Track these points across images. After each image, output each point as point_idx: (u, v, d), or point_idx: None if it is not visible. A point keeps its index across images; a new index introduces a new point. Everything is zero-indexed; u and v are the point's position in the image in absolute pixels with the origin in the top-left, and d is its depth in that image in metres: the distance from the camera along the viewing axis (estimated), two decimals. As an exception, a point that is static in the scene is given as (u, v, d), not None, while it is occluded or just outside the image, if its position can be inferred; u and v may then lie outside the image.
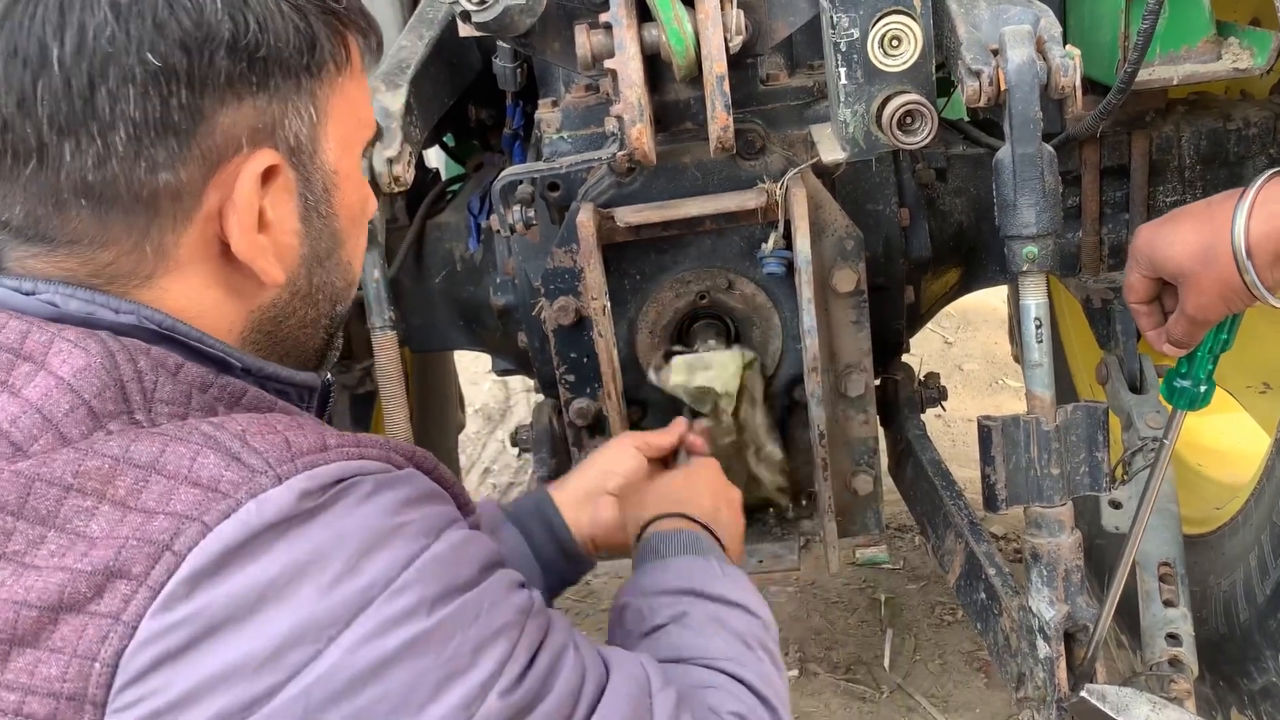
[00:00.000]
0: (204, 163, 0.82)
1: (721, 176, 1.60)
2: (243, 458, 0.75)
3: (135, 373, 0.79)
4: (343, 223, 0.94)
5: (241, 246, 0.85)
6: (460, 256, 1.99)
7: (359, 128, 0.95)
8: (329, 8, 0.88)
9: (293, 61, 0.85)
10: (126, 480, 0.74)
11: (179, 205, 0.83)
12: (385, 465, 0.83)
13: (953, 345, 4.88)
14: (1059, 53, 1.33)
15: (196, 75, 0.80)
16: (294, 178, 0.88)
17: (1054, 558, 1.43)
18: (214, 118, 0.82)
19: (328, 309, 0.97)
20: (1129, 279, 1.23)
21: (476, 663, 0.77)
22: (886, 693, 2.56)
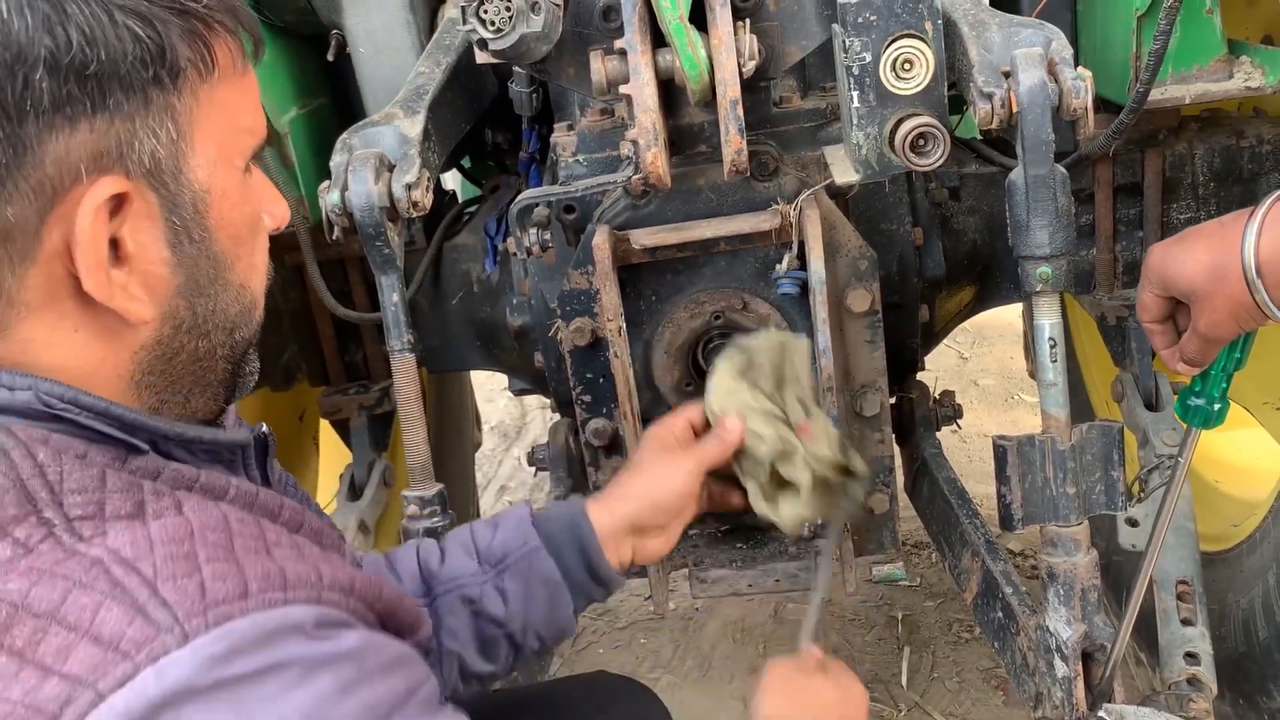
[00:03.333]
0: (36, 197, 0.74)
1: (736, 198, 1.61)
2: (148, 611, 0.68)
3: (36, 468, 0.73)
4: (224, 243, 0.85)
5: (93, 285, 0.77)
6: (477, 278, 2.01)
7: (238, 135, 0.86)
8: (183, 8, 0.79)
9: (135, 75, 0.76)
10: (25, 630, 0.68)
11: (12, 245, 0.75)
12: (315, 614, 0.73)
13: (968, 360, 4.87)
14: (1070, 74, 1.33)
15: (12, 103, 0.72)
16: (155, 201, 0.80)
17: (1071, 577, 1.43)
18: (41, 147, 0.74)
19: (223, 338, 0.88)
20: (1141, 298, 1.23)
21: None
22: (904, 710, 2.56)
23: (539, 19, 1.35)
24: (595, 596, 1.29)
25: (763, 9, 1.53)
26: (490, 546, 1.24)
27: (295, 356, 2.25)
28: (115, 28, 0.75)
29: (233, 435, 0.89)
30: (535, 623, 1.22)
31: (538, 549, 1.23)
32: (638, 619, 3.03)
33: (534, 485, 3.59)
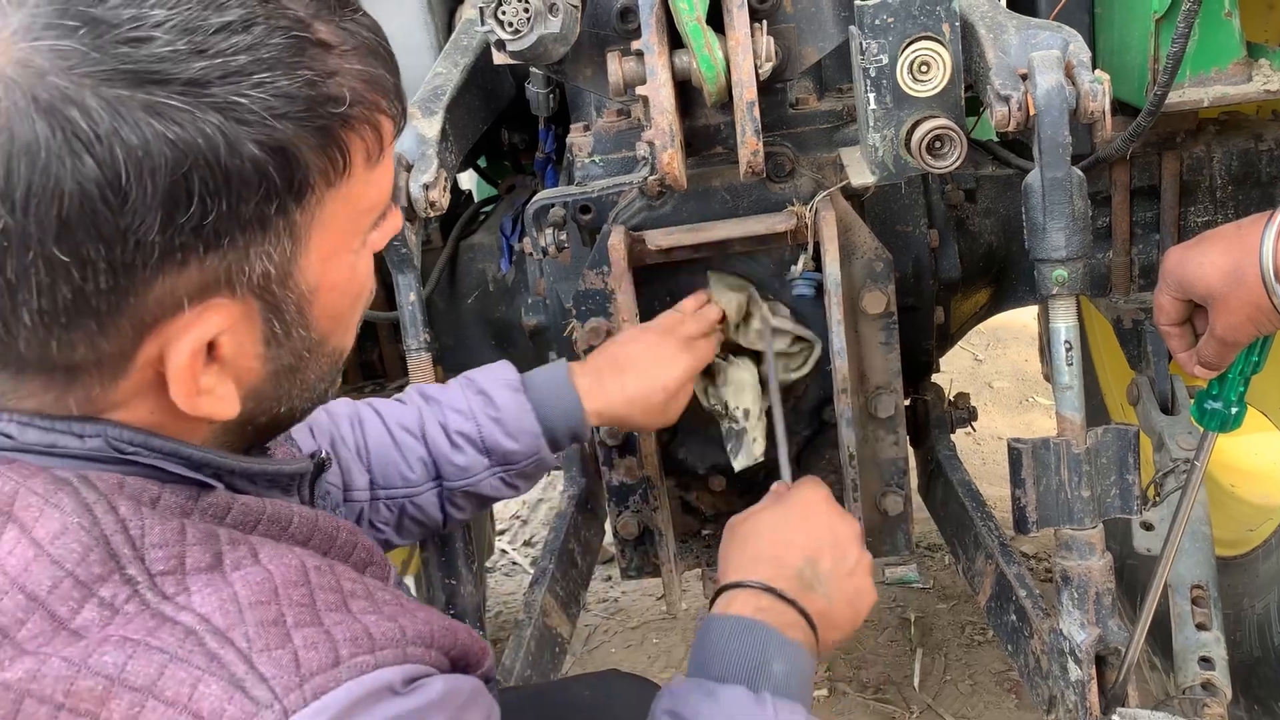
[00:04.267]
0: (134, 330, 0.73)
1: (752, 199, 1.61)
2: (246, 687, 0.68)
3: (118, 524, 0.72)
4: (324, 327, 0.83)
5: (181, 401, 0.76)
6: (492, 277, 2.02)
7: (360, 217, 0.82)
8: (323, 118, 0.73)
9: (257, 209, 0.72)
10: (121, 704, 0.67)
11: (103, 369, 0.74)
12: (404, 672, 0.74)
13: (983, 363, 4.85)
14: (1088, 77, 1.33)
15: (120, 261, 0.69)
16: (258, 308, 0.77)
17: (1085, 580, 1.42)
18: (145, 291, 0.71)
19: (304, 401, 0.87)
20: (1159, 301, 1.23)
21: None
22: (916, 713, 2.55)
23: (556, 20, 1.36)
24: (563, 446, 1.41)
25: (780, 11, 1.54)
26: (498, 443, 1.33)
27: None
28: (242, 172, 0.70)
29: (295, 466, 0.89)
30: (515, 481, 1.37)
31: (545, 458, 1.36)
32: (650, 618, 3.03)
33: (547, 484, 3.60)
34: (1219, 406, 1.24)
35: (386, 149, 0.81)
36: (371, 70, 0.77)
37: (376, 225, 0.86)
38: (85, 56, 0.66)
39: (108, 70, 0.66)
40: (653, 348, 1.43)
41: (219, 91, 0.68)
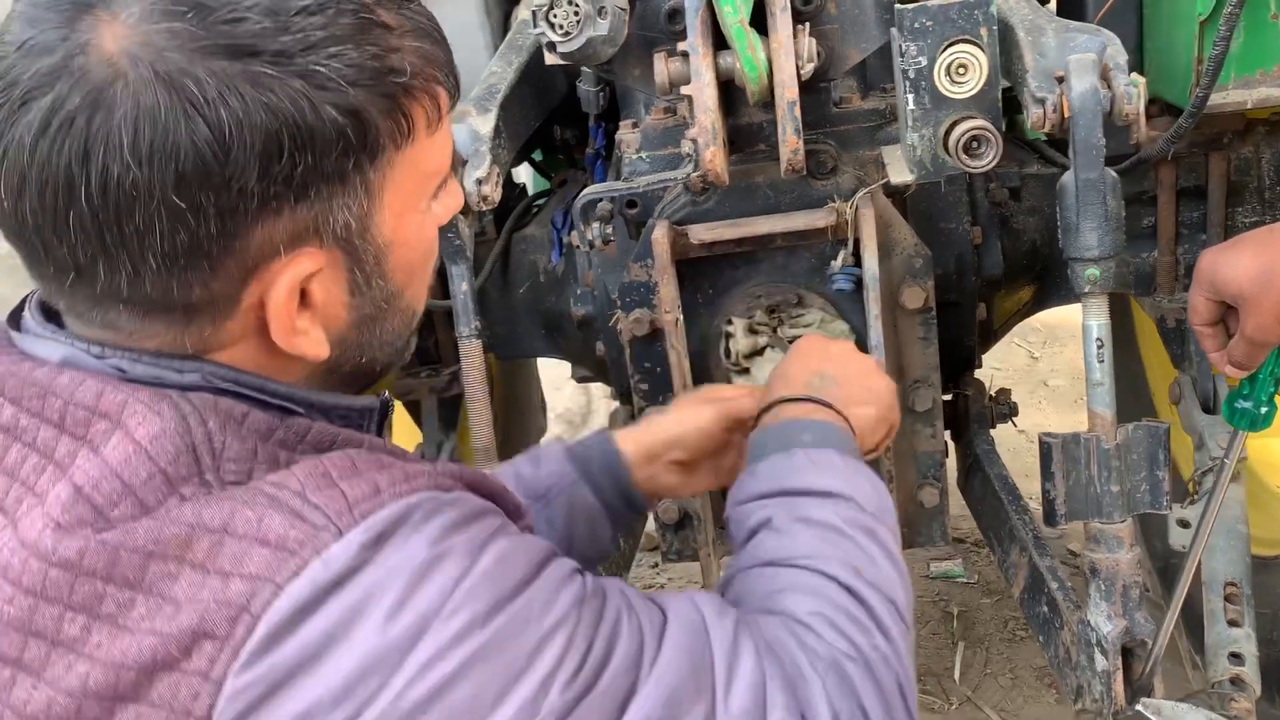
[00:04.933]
0: (240, 273, 0.84)
1: (794, 195, 1.66)
2: (304, 515, 0.79)
3: (205, 435, 0.82)
4: (399, 280, 0.93)
5: (280, 339, 0.87)
6: (543, 268, 2.09)
7: (425, 181, 0.92)
8: (388, 87, 0.83)
9: (339, 166, 0.83)
10: (203, 545, 0.78)
11: (215, 308, 0.85)
12: (433, 494, 0.85)
13: (1039, 360, 4.83)
14: (1123, 80, 1.36)
15: (225, 207, 0.80)
16: (341, 258, 0.88)
17: (1113, 573, 1.45)
18: (248, 236, 0.82)
19: (385, 354, 0.98)
20: (1192, 301, 1.26)
21: (534, 663, 0.82)
22: (955, 704, 2.58)
23: (605, 23, 1.42)
24: (630, 521, 1.40)
25: (824, 12, 1.58)
26: (534, 482, 1.34)
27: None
28: (324, 126, 0.80)
29: (365, 401, 0.99)
30: (579, 548, 1.32)
31: (577, 481, 1.32)
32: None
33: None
34: (1249, 406, 1.26)
35: (444, 118, 0.92)
36: (427, 48, 0.88)
37: (438, 195, 0.96)
38: (194, 35, 0.78)
39: (212, 46, 0.78)
40: (683, 404, 1.44)
41: (301, 61, 0.80)
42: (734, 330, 1.67)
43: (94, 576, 0.78)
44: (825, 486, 1.08)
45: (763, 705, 0.90)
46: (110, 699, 0.77)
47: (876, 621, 1.00)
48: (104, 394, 0.83)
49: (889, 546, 1.06)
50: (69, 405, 0.83)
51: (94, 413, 0.82)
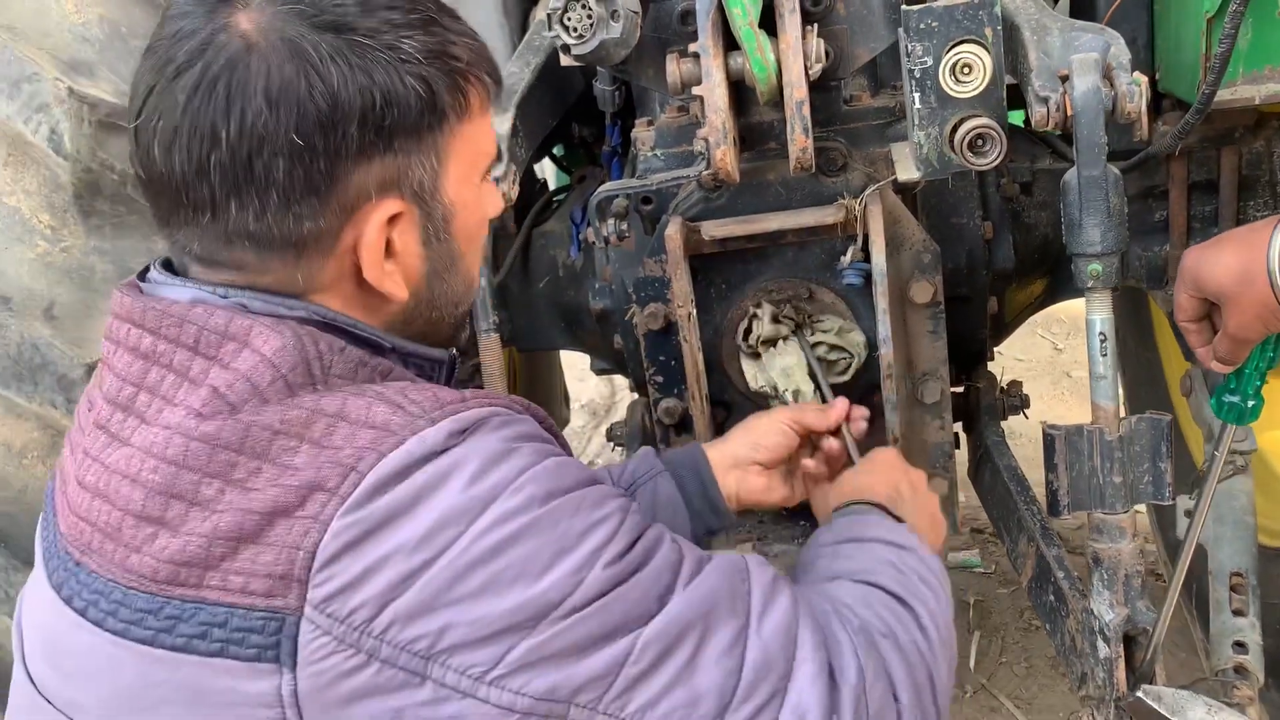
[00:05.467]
0: (341, 212, 1.00)
1: (804, 192, 1.69)
2: (405, 407, 0.95)
3: (317, 353, 0.98)
4: (460, 242, 1.10)
5: (372, 275, 1.03)
6: (563, 263, 2.14)
7: (478, 158, 1.09)
8: (450, 66, 1.01)
9: (415, 122, 1.00)
10: (320, 425, 0.94)
11: (321, 245, 1.01)
12: (509, 410, 1.02)
13: (1062, 352, 4.83)
14: (1126, 79, 1.38)
15: (332, 148, 0.96)
16: (417, 213, 1.04)
17: (1115, 563, 1.48)
18: (348, 177, 0.98)
19: (450, 311, 1.14)
20: (1178, 298, 1.28)
21: (583, 541, 0.94)
22: (970, 692, 2.61)
23: (618, 26, 1.46)
24: (711, 524, 1.48)
25: (832, 13, 1.61)
26: (622, 476, 1.48)
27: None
28: (404, 86, 0.98)
29: (438, 353, 1.14)
30: None
31: (662, 473, 1.46)
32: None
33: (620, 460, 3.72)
34: (1236, 400, 1.29)
35: (491, 104, 1.10)
36: (477, 45, 1.07)
37: (487, 177, 1.13)
38: (306, 15, 0.97)
39: (322, 22, 0.97)
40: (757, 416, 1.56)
41: (387, 38, 0.98)
42: (761, 315, 1.71)
43: (228, 449, 0.94)
44: (889, 537, 1.21)
45: (794, 639, 1.01)
46: (235, 540, 0.92)
47: (917, 621, 1.10)
48: (233, 320, 0.98)
49: (940, 595, 1.17)
50: (203, 330, 0.98)
51: (224, 336, 0.98)
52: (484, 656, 0.91)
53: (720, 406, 1.80)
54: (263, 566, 0.91)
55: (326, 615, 0.90)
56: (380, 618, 0.90)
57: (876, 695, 1.02)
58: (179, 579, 0.93)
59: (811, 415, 1.53)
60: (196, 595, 0.93)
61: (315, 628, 0.90)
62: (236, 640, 0.92)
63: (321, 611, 0.90)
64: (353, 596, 0.90)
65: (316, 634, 0.91)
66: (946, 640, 1.13)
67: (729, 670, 0.96)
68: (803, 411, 1.53)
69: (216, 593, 0.92)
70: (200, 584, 0.93)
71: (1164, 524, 2.53)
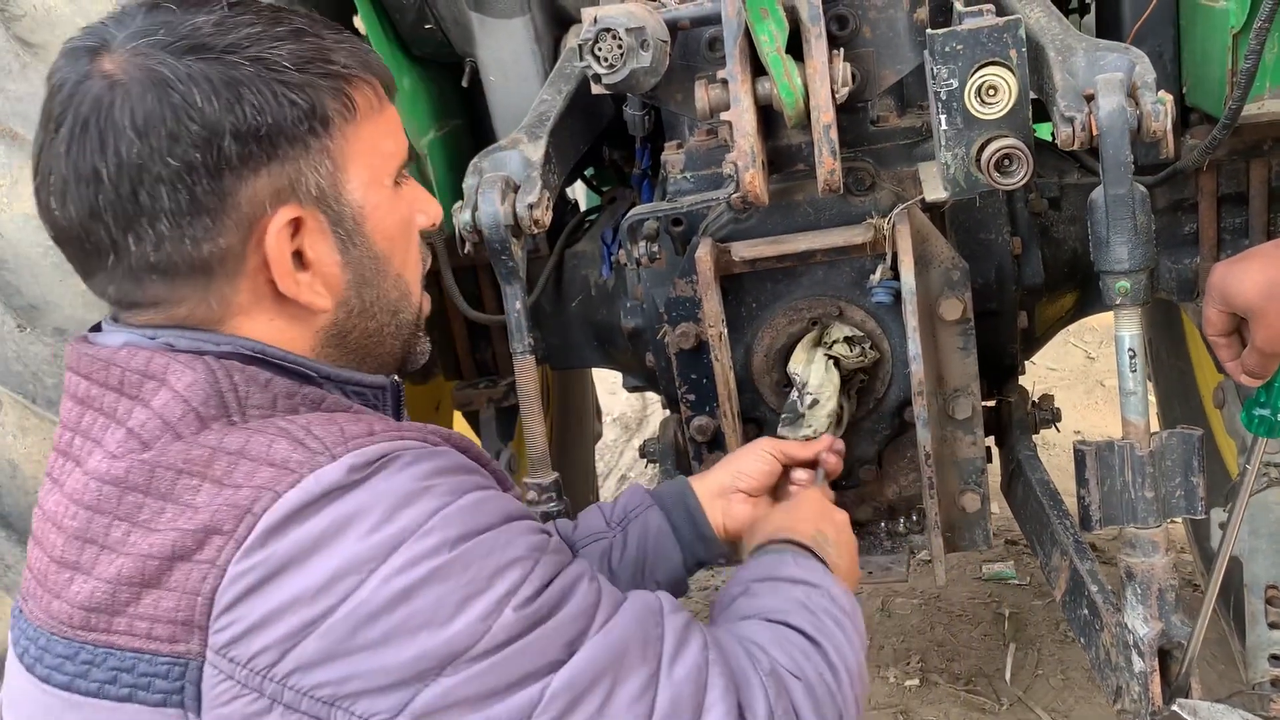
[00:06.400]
0: (239, 230, 1.00)
1: (833, 212, 1.71)
2: (306, 443, 0.95)
3: (231, 385, 0.99)
4: (381, 244, 1.09)
5: (285, 287, 1.03)
6: (595, 282, 2.17)
7: (384, 160, 1.09)
8: (328, 72, 1.03)
9: (296, 129, 1.00)
10: (222, 463, 0.94)
11: (227, 265, 1.01)
12: (423, 444, 1.00)
13: (1095, 360, 4.81)
14: (1151, 98, 1.40)
15: (212, 165, 0.98)
16: (324, 219, 1.04)
17: (1148, 577, 1.49)
18: (237, 193, 0.99)
19: (388, 319, 1.12)
20: (1206, 313, 1.30)
21: (493, 585, 0.93)
22: (1006, 705, 2.61)
23: (647, 55, 1.49)
24: (700, 554, 1.50)
25: (858, 36, 1.64)
26: (614, 511, 1.49)
27: (432, 353, 2.45)
28: (276, 99, 1.00)
29: (376, 379, 1.13)
30: (649, 566, 1.45)
31: (651, 507, 1.48)
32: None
33: (652, 476, 3.75)
34: (1266, 413, 1.29)
35: (385, 105, 1.10)
36: (356, 49, 1.07)
37: (404, 179, 1.13)
38: (165, 43, 0.99)
39: (179, 47, 0.99)
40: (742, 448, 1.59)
41: (250, 52, 1.00)
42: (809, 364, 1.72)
43: (135, 490, 0.95)
44: (803, 577, 1.21)
45: (704, 684, 1.00)
46: (138, 585, 0.93)
47: (826, 659, 1.11)
48: (152, 360, 1.01)
49: (850, 632, 1.16)
50: (126, 372, 1.01)
51: (145, 375, 1.00)
52: (388, 704, 0.91)
53: (752, 424, 1.82)
54: (165, 612, 0.92)
55: (229, 660, 0.91)
56: (282, 664, 0.91)
57: None
58: (90, 624, 0.95)
59: (793, 446, 1.56)
60: (107, 640, 0.94)
61: (218, 672, 0.92)
62: (143, 685, 0.93)
63: (224, 656, 0.91)
64: (254, 641, 0.91)
65: (220, 679, 0.92)
66: (856, 676, 1.13)
67: (639, 717, 0.96)
68: (785, 442, 1.56)
69: (124, 638, 0.94)
70: (109, 629, 0.94)
71: (1200, 535, 2.52)
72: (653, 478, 3.87)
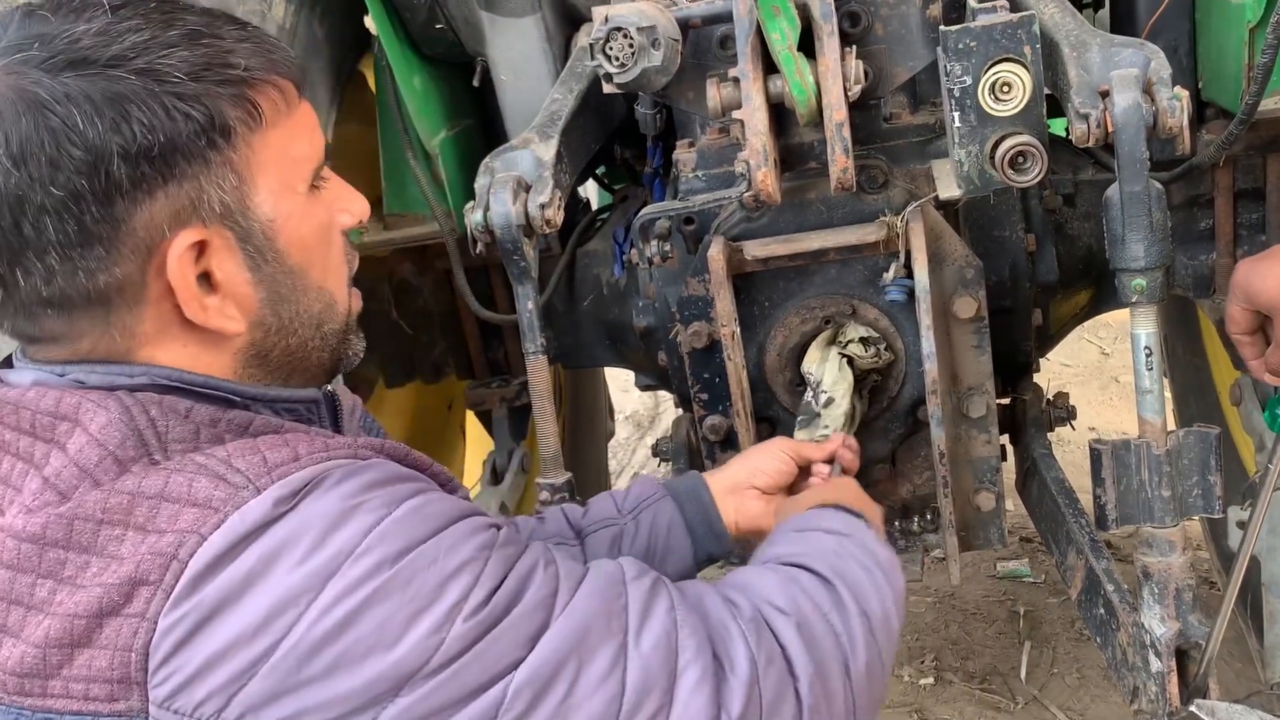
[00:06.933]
0: (136, 256, 0.94)
1: (846, 210, 1.70)
2: (228, 478, 0.90)
3: (149, 421, 0.94)
4: (296, 256, 1.02)
5: (193, 313, 0.97)
6: (606, 281, 2.16)
7: (295, 165, 1.01)
8: (227, 78, 0.95)
9: (193, 145, 0.93)
10: (143, 510, 0.89)
11: (127, 295, 0.95)
12: (351, 459, 0.96)
13: (1110, 357, 4.79)
14: (1167, 94, 1.38)
15: (100, 191, 0.90)
16: (230, 236, 0.97)
17: (1165, 576, 1.48)
18: (131, 219, 0.92)
19: (311, 333, 1.05)
20: (1229, 311, 1.28)
21: (439, 597, 0.90)
22: (1021, 704, 2.60)
23: (659, 54, 1.49)
24: (712, 549, 1.48)
25: (870, 34, 1.63)
26: (626, 499, 1.47)
27: (444, 353, 2.46)
28: (169, 114, 0.92)
29: (306, 393, 1.07)
30: (659, 557, 1.43)
31: (664, 498, 1.45)
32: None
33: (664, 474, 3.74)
34: (1289, 412, 1.28)
35: (295, 106, 1.02)
36: (263, 49, 0.99)
37: (321, 182, 1.05)
38: (39, 59, 0.91)
39: (56, 63, 0.91)
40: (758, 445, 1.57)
41: (138, 63, 0.92)
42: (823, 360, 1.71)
43: (56, 545, 0.90)
44: (839, 528, 1.19)
45: (674, 647, 0.97)
46: (68, 646, 0.89)
47: (835, 598, 1.07)
48: (62, 400, 0.95)
49: (878, 580, 1.13)
50: (36, 414, 0.95)
51: (56, 416, 0.94)
52: None
53: (765, 423, 1.81)
54: (99, 671, 0.88)
55: (173, 712, 0.88)
56: (229, 709, 0.87)
57: (771, 680, 1.00)
58: (24, 689, 0.91)
59: (807, 446, 1.54)
60: (44, 705, 0.90)
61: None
62: None
63: (167, 710, 0.88)
64: (196, 690, 0.87)
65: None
66: (878, 621, 1.09)
67: (610, 696, 0.93)
68: (799, 443, 1.55)
69: (61, 700, 0.90)
70: (44, 693, 0.90)
71: (1216, 533, 2.50)
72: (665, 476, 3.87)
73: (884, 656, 1.10)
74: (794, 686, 1.01)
